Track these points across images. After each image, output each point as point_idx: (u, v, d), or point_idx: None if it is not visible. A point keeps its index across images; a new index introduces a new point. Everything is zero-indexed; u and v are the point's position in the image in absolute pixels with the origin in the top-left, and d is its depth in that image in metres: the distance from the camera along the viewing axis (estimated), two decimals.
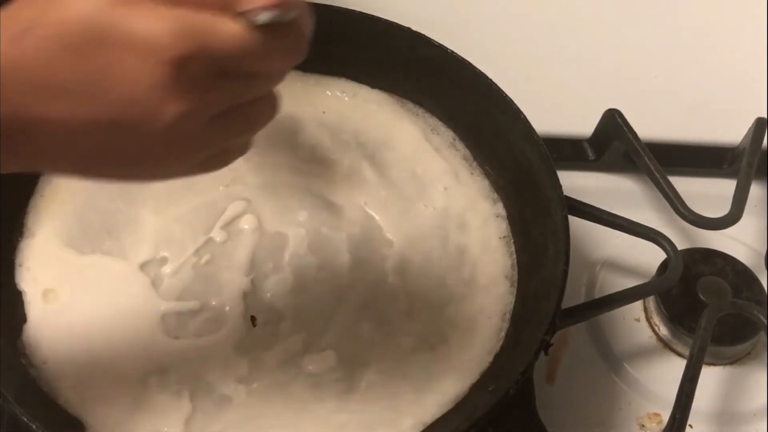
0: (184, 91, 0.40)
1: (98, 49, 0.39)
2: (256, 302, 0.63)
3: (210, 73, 0.41)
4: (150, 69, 0.39)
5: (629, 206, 0.74)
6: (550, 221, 0.64)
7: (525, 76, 0.75)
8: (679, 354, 0.71)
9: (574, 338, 0.71)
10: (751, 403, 0.70)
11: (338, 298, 0.63)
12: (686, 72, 0.87)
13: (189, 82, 0.40)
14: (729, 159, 0.82)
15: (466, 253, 0.67)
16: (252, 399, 0.59)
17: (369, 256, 0.66)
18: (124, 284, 0.63)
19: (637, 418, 0.68)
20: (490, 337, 0.64)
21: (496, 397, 0.56)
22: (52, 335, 0.61)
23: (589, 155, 0.81)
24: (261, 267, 0.64)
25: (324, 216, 0.67)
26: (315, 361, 0.61)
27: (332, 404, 0.59)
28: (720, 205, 0.72)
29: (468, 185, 0.71)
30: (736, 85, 0.86)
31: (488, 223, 0.69)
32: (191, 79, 0.40)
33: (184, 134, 0.41)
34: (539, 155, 0.66)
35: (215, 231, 0.66)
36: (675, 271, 0.67)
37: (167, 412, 0.58)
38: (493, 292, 0.66)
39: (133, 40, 0.39)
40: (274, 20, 0.41)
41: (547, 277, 0.62)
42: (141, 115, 0.40)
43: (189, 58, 0.39)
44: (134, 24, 0.39)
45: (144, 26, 0.39)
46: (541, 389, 0.66)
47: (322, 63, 0.74)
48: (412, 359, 0.62)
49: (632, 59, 0.87)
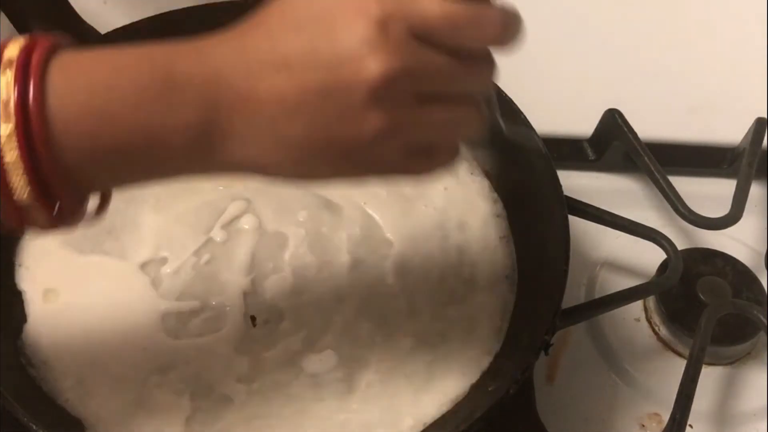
0: (390, 48, 0.41)
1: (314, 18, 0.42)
2: (256, 302, 0.63)
3: (415, 37, 0.42)
4: (357, 28, 0.41)
5: (629, 206, 0.74)
6: (550, 221, 0.64)
7: (525, 76, 0.75)
8: (679, 354, 0.71)
9: (574, 338, 0.71)
10: (751, 403, 0.70)
11: (338, 297, 0.63)
12: (686, 72, 0.87)
13: (394, 41, 0.41)
14: (729, 159, 0.82)
15: (466, 253, 0.67)
16: (252, 399, 0.59)
17: (369, 256, 0.66)
18: (124, 284, 0.63)
19: (637, 418, 0.68)
20: (490, 337, 0.64)
21: (496, 397, 0.56)
22: (52, 335, 0.61)
23: (589, 155, 0.81)
24: (261, 267, 0.64)
25: (324, 216, 0.67)
26: (315, 361, 0.61)
27: (332, 404, 0.59)
28: (720, 205, 0.72)
29: (468, 185, 0.71)
30: (736, 85, 0.86)
31: (488, 223, 0.69)
32: (396, 38, 0.41)
33: (389, 98, 0.42)
34: (539, 155, 0.66)
35: (215, 231, 0.66)
36: (675, 271, 0.68)
37: (167, 412, 0.58)
38: (493, 292, 0.66)
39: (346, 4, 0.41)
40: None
41: (547, 277, 0.62)
42: (348, 75, 0.41)
43: (395, 17, 0.41)
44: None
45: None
46: (541, 389, 0.66)
47: None
48: (412, 359, 0.62)
49: (632, 59, 0.87)
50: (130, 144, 0.41)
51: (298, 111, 0.42)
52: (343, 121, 0.42)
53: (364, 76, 0.41)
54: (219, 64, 0.42)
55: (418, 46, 0.42)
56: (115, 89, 0.41)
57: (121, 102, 0.41)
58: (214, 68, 0.42)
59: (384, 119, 0.42)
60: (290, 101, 0.41)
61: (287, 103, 0.42)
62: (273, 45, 0.42)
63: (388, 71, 0.41)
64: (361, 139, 0.43)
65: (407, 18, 0.41)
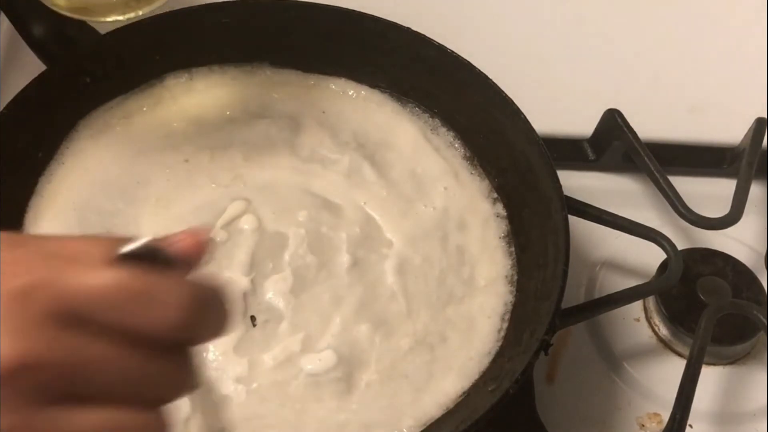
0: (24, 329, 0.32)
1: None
2: (256, 302, 0.63)
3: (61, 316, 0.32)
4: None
5: (629, 206, 0.74)
6: (550, 221, 0.64)
7: (525, 76, 0.75)
8: (679, 354, 0.71)
9: (574, 338, 0.71)
10: (751, 403, 0.70)
11: (338, 297, 0.63)
12: (686, 72, 0.87)
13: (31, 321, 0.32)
14: (729, 159, 0.81)
15: (466, 253, 0.67)
16: (252, 399, 0.59)
17: (368, 256, 0.66)
18: None
19: (637, 418, 0.68)
20: (490, 337, 0.64)
21: (496, 397, 0.56)
22: None
23: (589, 155, 0.81)
24: (261, 267, 0.64)
25: (324, 216, 0.67)
26: (315, 361, 0.61)
27: (331, 404, 0.59)
28: (720, 205, 0.72)
29: (468, 185, 0.71)
30: (736, 85, 0.86)
31: (488, 223, 0.69)
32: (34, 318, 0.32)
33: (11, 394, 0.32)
34: (539, 155, 0.66)
35: (215, 231, 0.66)
36: (675, 271, 0.67)
37: (167, 412, 0.58)
38: (492, 292, 0.66)
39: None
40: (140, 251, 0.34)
41: (547, 277, 0.62)
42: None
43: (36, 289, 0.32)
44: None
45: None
46: (541, 389, 0.66)
47: (322, 63, 0.74)
48: (411, 359, 0.62)
49: (632, 59, 0.87)
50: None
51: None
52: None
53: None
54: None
55: (63, 330, 0.32)
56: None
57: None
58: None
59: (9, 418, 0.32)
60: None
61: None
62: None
63: (17, 359, 0.32)
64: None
65: (54, 292, 0.32)
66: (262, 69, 0.74)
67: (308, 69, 0.74)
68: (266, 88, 0.74)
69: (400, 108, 0.74)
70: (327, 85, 0.75)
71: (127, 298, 0.33)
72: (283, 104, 0.73)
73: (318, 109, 0.73)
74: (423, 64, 0.72)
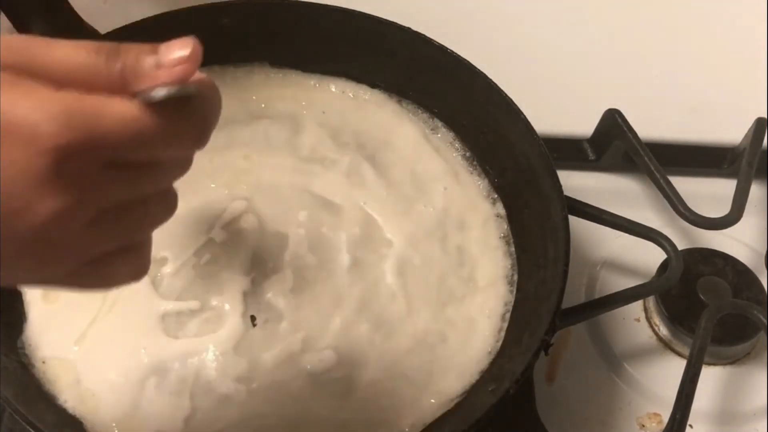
0: (65, 186, 0.35)
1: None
2: (256, 302, 0.63)
3: (97, 164, 0.36)
4: (27, 160, 0.35)
5: (629, 206, 0.74)
6: (550, 221, 0.64)
7: (525, 76, 0.75)
8: (679, 354, 0.71)
9: (574, 338, 0.71)
10: (751, 403, 0.70)
11: (338, 297, 0.63)
12: (686, 72, 0.87)
13: (71, 176, 0.36)
14: (729, 159, 0.82)
15: (465, 253, 0.67)
16: (252, 399, 0.59)
17: (368, 256, 0.66)
18: None
19: (637, 418, 0.68)
20: (490, 337, 0.64)
21: (496, 397, 0.56)
22: (52, 335, 0.61)
23: (589, 155, 0.81)
24: (261, 267, 0.64)
25: (324, 216, 0.67)
26: (315, 360, 0.61)
27: (332, 404, 0.59)
28: (720, 205, 0.72)
29: (468, 185, 0.71)
30: (736, 85, 0.86)
31: (488, 223, 0.69)
32: (74, 173, 0.36)
33: (55, 237, 0.37)
34: (539, 155, 0.66)
35: (215, 231, 0.66)
36: (675, 271, 0.67)
37: (167, 412, 0.58)
38: (492, 292, 0.66)
39: (10, 127, 0.35)
40: (172, 96, 0.37)
41: (547, 277, 0.62)
42: (10, 213, 0.35)
43: (72, 148, 0.35)
44: (11, 108, 0.35)
45: (23, 111, 0.35)
46: (541, 389, 0.66)
47: (322, 63, 0.74)
48: (411, 359, 0.62)
49: (632, 59, 0.87)
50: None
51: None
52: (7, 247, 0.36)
53: (32, 216, 0.35)
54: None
55: (97, 176, 0.37)
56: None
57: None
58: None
59: (52, 251, 0.37)
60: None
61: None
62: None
63: (58, 211, 0.36)
64: (28, 265, 0.37)
65: (89, 148, 0.36)
66: (262, 69, 0.74)
67: (308, 69, 0.74)
68: (266, 88, 0.74)
69: (400, 108, 0.74)
70: (327, 85, 0.75)
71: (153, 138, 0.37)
72: (283, 104, 0.73)
73: (318, 109, 0.73)
74: (423, 64, 0.72)
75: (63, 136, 0.35)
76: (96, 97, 0.36)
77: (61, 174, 0.35)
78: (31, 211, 0.35)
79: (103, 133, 0.36)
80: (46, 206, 0.35)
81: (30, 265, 0.38)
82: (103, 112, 0.36)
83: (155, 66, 0.38)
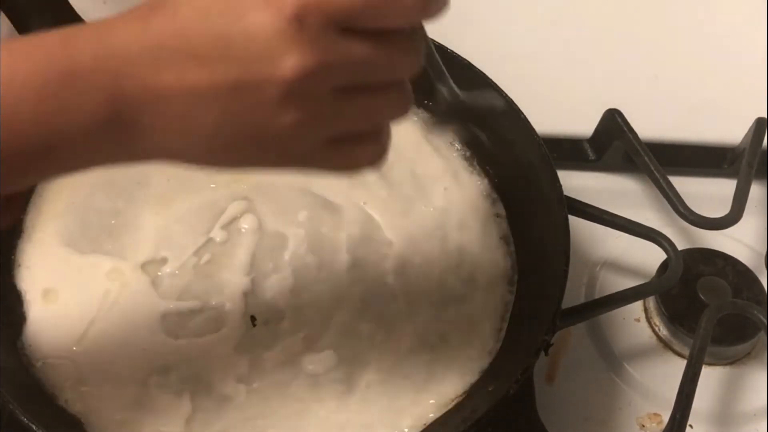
0: (306, 42, 0.39)
1: (224, 7, 0.39)
2: (256, 302, 0.63)
3: (333, 27, 0.40)
4: (271, 20, 0.39)
5: (629, 206, 0.74)
6: (550, 221, 0.64)
7: (525, 76, 0.75)
8: (679, 354, 0.71)
9: (574, 338, 0.71)
10: (751, 403, 0.70)
11: (338, 297, 0.63)
12: (686, 72, 0.87)
13: (310, 34, 0.39)
14: (729, 159, 0.82)
15: (465, 253, 0.67)
16: (252, 399, 0.59)
17: (368, 256, 0.66)
18: (124, 284, 0.63)
19: (637, 418, 0.68)
20: (490, 337, 0.64)
21: (496, 397, 0.56)
22: (52, 335, 0.61)
23: (589, 155, 0.81)
24: (261, 267, 0.64)
25: (324, 216, 0.67)
26: (315, 361, 0.61)
27: (332, 404, 0.59)
28: (720, 205, 0.72)
29: (468, 185, 0.71)
30: (736, 85, 0.86)
31: (488, 223, 0.69)
32: (313, 31, 0.39)
33: (305, 93, 0.40)
34: (539, 155, 0.66)
35: (215, 231, 0.66)
36: (675, 271, 0.68)
37: (167, 412, 0.58)
38: (492, 292, 0.66)
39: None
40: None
41: (547, 277, 0.62)
42: (262, 71, 0.39)
43: (310, 8, 0.39)
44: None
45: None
46: (541, 389, 0.66)
47: None
48: (411, 359, 0.62)
49: (632, 59, 0.87)
50: (32, 145, 0.40)
51: (208, 104, 0.40)
52: (255, 116, 0.40)
53: (279, 73, 0.39)
54: (121, 50, 0.40)
55: (336, 37, 0.40)
56: (13, 86, 0.39)
57: (17, 103, 0.39)
58: (116, 56, 0.40)
59: (298, 115, 0.41)
60: (199, 94, 0.40)
61: (196, 95, 0.40)
62: (179, 29, 0.39)
63: (303, 68, 0.39)
64: (275, 134, 0.41)
65: (323, 8, 0.39)
66: None
67: None
68: None
69: None
70: None
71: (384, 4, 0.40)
72: None
73: None
74: None
75: (302, 1, 0.39)
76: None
77: (301, 32, 0.39)
78: (280, 65, 0.39)
79: (336, 2, 0.39)
80: (292, 60, 0.39)
81: (289, 135, 0.41)
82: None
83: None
